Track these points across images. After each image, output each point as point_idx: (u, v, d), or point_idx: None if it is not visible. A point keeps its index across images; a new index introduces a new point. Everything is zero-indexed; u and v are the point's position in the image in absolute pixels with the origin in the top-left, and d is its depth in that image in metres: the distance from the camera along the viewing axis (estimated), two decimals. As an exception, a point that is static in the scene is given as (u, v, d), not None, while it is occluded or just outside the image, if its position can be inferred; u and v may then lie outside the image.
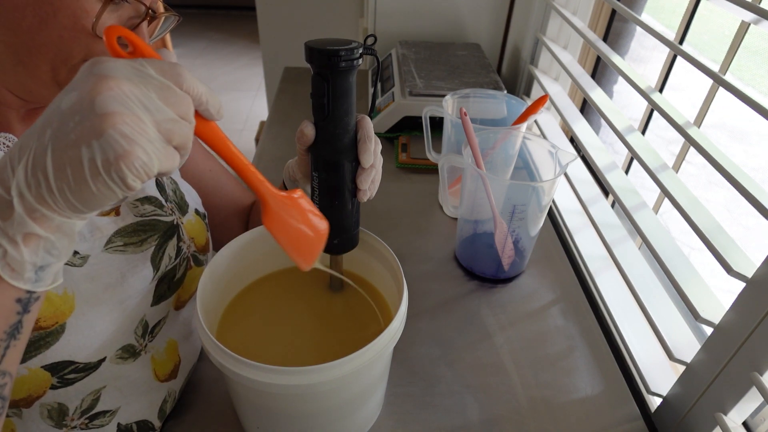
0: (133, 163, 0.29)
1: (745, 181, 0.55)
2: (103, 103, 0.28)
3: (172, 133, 0.31)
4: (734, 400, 0.51)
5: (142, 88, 0.30)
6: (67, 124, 0.29)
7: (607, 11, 1.09)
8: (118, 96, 0.29)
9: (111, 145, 0.28)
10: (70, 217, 0.31)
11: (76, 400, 0.46)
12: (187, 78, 0.32)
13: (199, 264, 0.57)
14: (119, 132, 0.28)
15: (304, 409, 0.47)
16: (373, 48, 0.48)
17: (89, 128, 0.28)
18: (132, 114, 0.29)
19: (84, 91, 0.29)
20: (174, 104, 0.31)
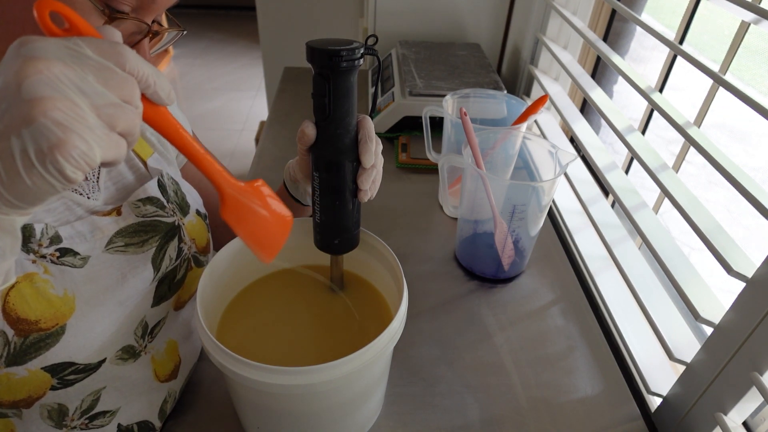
0: (70, 153, 0.26)
1: (745, 181, 0.55)
2: (32, 87, 0.25)
3: (115, 118, 0.28)
4: (734, 400, 0.51)
5: (77, 70, 0.27)
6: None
7: (607, 11, 1.09)
8: (49, 79, 0.26)
9: (43, 134, 0.25)
10: (8, 213, 0.28)
11: (76, 400, 0.46)
12: (130, 58, 0.29)
13: (199, 265, 0.57)
14: (51, 119, 0.25)
15: (304, 409, 0.47)
16: (374, 48, 0.48)
17: (18, 116, 0.25)
18: (66, 99, 0.26)
19: (9, 75, 0.26)
20: (115, 87, 0.28)
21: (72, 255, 0.44)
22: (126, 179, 0.53)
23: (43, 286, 0.41)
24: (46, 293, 0.41)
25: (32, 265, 0.42)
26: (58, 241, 0.44)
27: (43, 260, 0.42)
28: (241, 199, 0.40)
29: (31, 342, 0.41)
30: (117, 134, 0.29)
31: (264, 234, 0.43)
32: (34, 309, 0.41)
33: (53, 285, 0.42)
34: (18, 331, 0.40)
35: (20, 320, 0.40)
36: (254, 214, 0.41)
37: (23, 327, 0.41)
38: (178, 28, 0.48)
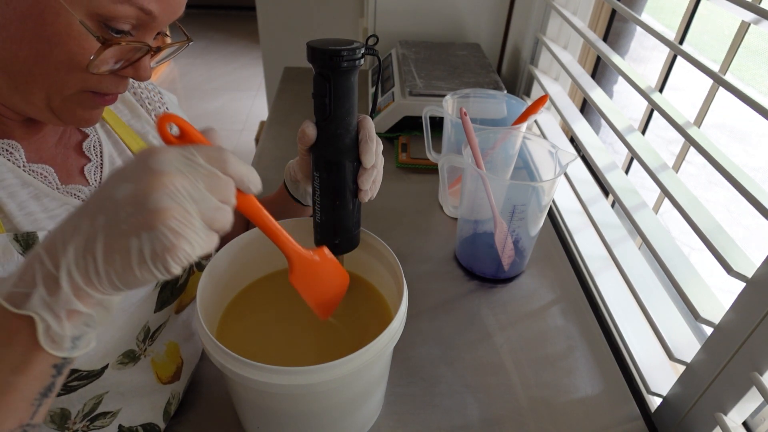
0: (178, 255, 0.30)
1: (745, 181, 0.55)
2: (157, 199, 0.30)
3: (215, 220, 0.32)
4: (734, 400, 0.51)
5: (192, 180, 0.31)
6: (119, 214, 0.30)
7: (607, 11, 1.09)
8: (171, 192, 0.30)
9: (159, 239, 0.30)
10: (111, 294, 0.32)
11: (78, 404, 0.46)
12: (231, 162, 0.34)
13: (201, 269, 0.57)
14: (168, 227, 0.30)
15: (304, 408, 0.47)
16: (374, 48, 0.48)
17: (141, 221, 0.30)
18: (181, 208, 0.30)
19: (139, 186, 0.30)
20: (218, 191, 0.33)
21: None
22: None
23: None
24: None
25: None
26: None
27: None
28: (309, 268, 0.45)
29: None
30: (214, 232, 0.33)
31: (325, 296, 0.48)
32: None
33: None
34: None
35: None
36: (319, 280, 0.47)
37: None
38: (183, 40, 0.47)
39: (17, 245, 0.41)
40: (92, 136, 0.52)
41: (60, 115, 0.43)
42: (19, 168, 0.44)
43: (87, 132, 0.52)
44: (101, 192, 0.32)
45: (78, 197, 0.48)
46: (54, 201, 0.46)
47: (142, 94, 0.59)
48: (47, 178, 0.46)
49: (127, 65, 0.42)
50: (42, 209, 0.44)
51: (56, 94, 0.41)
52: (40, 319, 0.30)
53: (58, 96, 0.41)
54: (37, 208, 0.44)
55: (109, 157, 0.52)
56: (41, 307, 0.30)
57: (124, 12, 0.38)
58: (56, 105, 0.42)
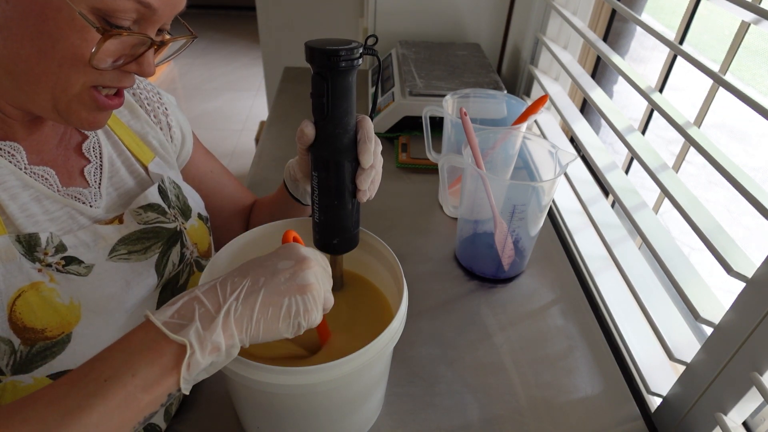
0: (311, 317, 0.40)
1: (745, 181, 0.55)
2: (309, 276, 0.41)
3: (327, 301, 0.42)
4: (734, 400, 0.51)
5: (322, 270, 0.43)
6: (278, 279, 0.40)
7: (607, 11, 1.09)
8: (316, 273, 0.42)
9: (306, 303, 0.40)
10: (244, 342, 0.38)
11: None
12: (329, 266, 0.45)
13: (201, 269, 0.57)
14: (312, 296, 0.40)
15: (305, 408, 0.47)
16: (374, 48, 0.48)
17: (296, 288, 0.40)
18: (320, 287, 0.41)
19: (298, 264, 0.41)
20: (328, 282, 0.44)
21: (77, 263, 0.44)
22: (127, 185, 0.53)
23: (49, 294, 0.42)
24: (53, 302, 0.41)
25: (38, 274, 0.42)
26: (63, 250, 0.44)
27: (49, 269, 0.42)
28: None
29: (38, 350, 0.41)
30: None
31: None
32: (40, 317, 0.41)
33: (59, 293, 0.42)
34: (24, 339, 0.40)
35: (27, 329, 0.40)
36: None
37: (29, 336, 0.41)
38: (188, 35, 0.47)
39: (19, 246, 0.41)
40: (92, 138, 0.52)
41: (65, 117, 0.43)
42: (20, 170, 0.44)
43: (87, 133, 0.52)
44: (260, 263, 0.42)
45: (78, 199, 0.48)
46: (55, 203, 0.46)
47: (141, 95, 0.59)
48: (48, 180, 0.46)
49: (130, 60, 0.42)
50: (43, 211, 0.44)
51: (62, 94, 0.40)
52: (190, 345, 0.35)
53: (63, 96, 0.41)
54: (38, 210, 0.44)
55: (108, 158, 0.52)
56: (195, 337, 0.35)
57: (123, 5, 0.38)
58: (62, 107, 0.41)
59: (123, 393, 0.33)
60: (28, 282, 0.41)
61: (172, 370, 0.35)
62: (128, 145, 0.54)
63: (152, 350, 0.35)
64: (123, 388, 0.33)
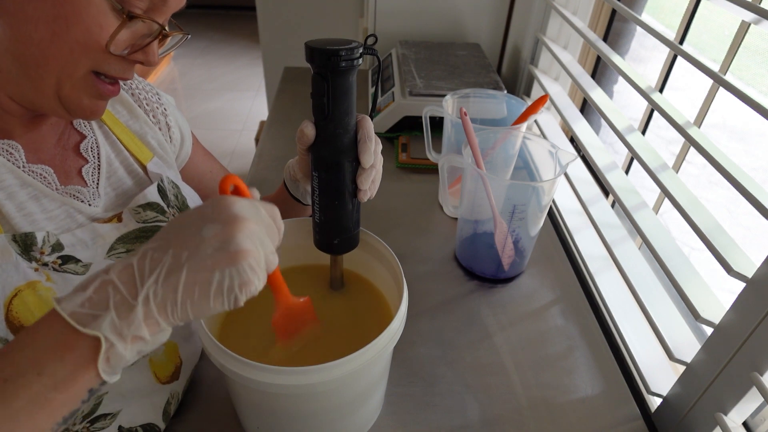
0: (250, 289, 0.34)
1: (745, 181, 0.55)
2: (241, 240, 0.33)
3: (271, 263, 0.36)
4: (734, 400, 0.51)
5: (261, 227, 0.36)
6: (205, 250, 0.33)
7: (607, 11, 1.09)
8: (250, 234, 0.34)
9: (240, 275, 0.33)
10: (174, 324, 0.34)
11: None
12: (278, 215, 0.39)
13: None
14: (249, 265, 0.33)
15: (304, 409, 0.47)
16: (374, 48, 0.48)
17: (226, 258, 0.33)
18: (257, 251, 0.34)
19: (226, 227, 0.34)
20: (273, 238, 0.37)
21: (74, 262, 0.44)
22: (125, 184, 0.53)
23: (45, 293, 0.41)
24: (49, 301, 0.41)
25: (35, 273, 0.42)
26: (60, 249, 0.44)
27: (45, 268, 0.42)
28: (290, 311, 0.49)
29: None
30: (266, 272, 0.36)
31: (290, 332, 0.51)
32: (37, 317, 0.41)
33: (56, 292, 0.42)
34: None
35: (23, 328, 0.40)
36: (293, 321, 0.50)
37: None
38: (181, 32, 0.48)
39: (15, 246, 0.41)
40: (90, 137, 0.52)
41: (67, 105, 0.43)
42: (18, 168, 0.44)
43: (84, 133, 0.52)
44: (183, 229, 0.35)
45: (77, 198, 0.48)
46: (53, 202, 0.46)
47: (140, 95, 0.58)
48: (46, 179, 0.46)
49: (137, 50, 0.43)
50: (41, 210, 0.44)
51: (67, 78, 0.41)
52: (105, 340, 0.31)
53: (68, 81, 0.41)
54: (36, 208, 0.44)
55: (106, 158, 0.52)
56: (110, 329, 0.31)
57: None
58: (65, 92, 0.42)
59: (28, 394, 0.30)
60: (25, 281, 0.41)
61: (87, 365, 0.31)
62: (127, 144, 0.54)
63: (61, 345, 0.31)
64: (28, 388, 0.30)
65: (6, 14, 0.37)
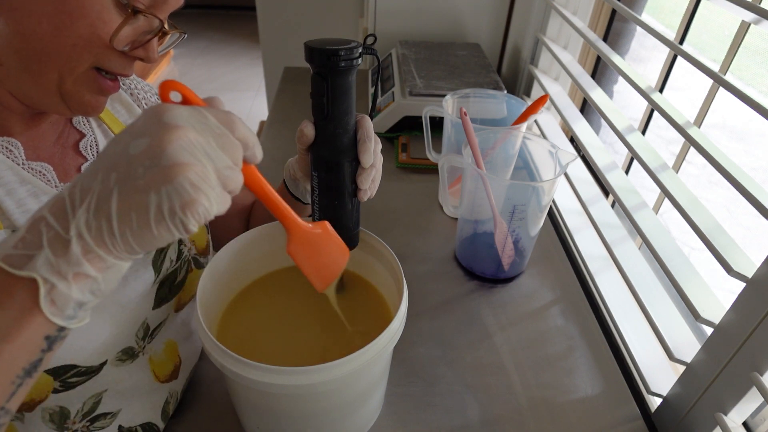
0: (197, 210, 0.30)
1: (745, 181, 0.55)
2: (174, 152, 0.29)
3: (229, 179, 0.32)
4: (734, 400, 0.51)
5: (205, 136, 0.31)
6: (135, 170, 0.29)
7: (607, 11, 1.09)
8: (187, 145, 0.30)
9: (179, 194, 0.29)
10: (123, 258, 0.31)
11: (77, 403, 0.46)
12: (239, 125, 0.33)
13: (199, 266, 0.57)
14: (188, 181, 0.29)
15: (304, 409, 0.47)
16: (374, 48, 0.48)
17: (160, 176, 0.29)
18: (199, 163, 0.30)
19: (155, 139, 0.29)
20: (229, 151, 0.32)
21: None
22: None
23: None
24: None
25: None
26: None
27: None
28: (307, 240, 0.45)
29: None
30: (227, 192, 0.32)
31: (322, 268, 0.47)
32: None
33: None
34: None
35: None
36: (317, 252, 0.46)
37: None
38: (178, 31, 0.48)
39: None
40: (89, 136, 0.52)
41: (68, 100, 0.43)
42: (18, 166, 0.44)
43: (84, 132, 0.52)
44: (111, 149, 0.31)
45: None
46: None
47: (139, 95, 0.59)
48: (46, 176, 0.46)
49: (137, 46, 0.43)
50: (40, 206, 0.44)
51: (68, 73, 0.41)
52: (43, 280, 0.29)
53: (70, 76, 0.41)
54: (35, 205, 0.44)
55: None
56: (46, 269, 0.29)
57: None
58: (67, 88, 0.42)
59: None
60: None
61: (32, 310, 0.29)
62: None
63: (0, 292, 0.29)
64: None
65: (9, 9, 0.38)
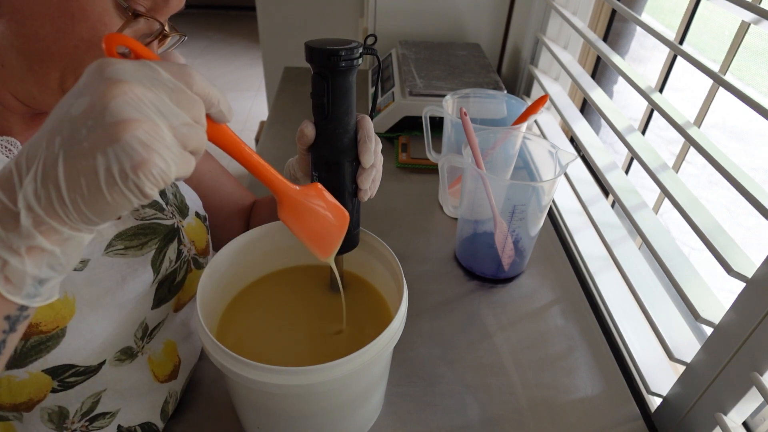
0: (151, 171, 0.27)
1: (745, 181, 0.55)
2: (118, 108, 0.27)
3: (188, 137, 0.30)
4: (734, 400, 0.51)
5: (156, 92, 0.28)
6: (79, 132, 0.27)
7: (607, 11, 1.09)
8: (133, 101, 0.27)
9: (128, 154, 0.27)
10: (80, 229, 0.29)
11: (76, 403, 0.46)
12: (197, 80, 0.31)
13: (199, 267, 0.57)
14: (137, 139, 0.27)
15: (304, 409, 0.47)
16: (374, 48, 0.48)
17: (104, 136, 0.27)
18: (148, 120, 0.27)
19: (96, 96, 0.27)
20: (187, 107, 0.30)
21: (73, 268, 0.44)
22: None
23: None
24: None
25: None
26: None
27: None
28: (300, 204, 0.42)
29: (32, 345, 0.41)
30: (188, 152, 0.30)
31: (319, 234, 0.45)
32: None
33: None
34: None
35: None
36: (310, 218, 0.44)
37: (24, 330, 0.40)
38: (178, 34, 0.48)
39: None
40: None
41: None
42: None
43: None
44: (55, 112, 0.29)
45: None
46: None
47: None
48: None
49: None
50: None
51: (71, 73, 0.41)
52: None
53: (72, 76, 0.41)
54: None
55: None
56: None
57: None
58: (68, 87, 0.42)
59: None
60: None
61: None
62: None
63: None
64: None
65: (12, 11, 0.38)
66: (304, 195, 0.43)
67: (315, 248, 0.46)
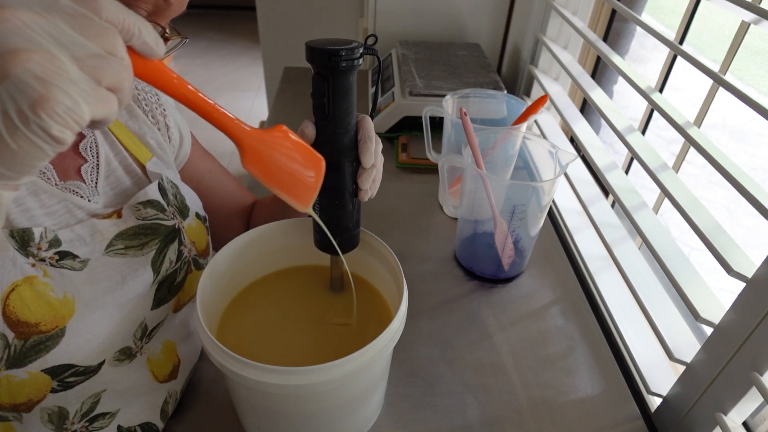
0: (55, 109, 0.23)
1: (745, 181, 0.55)
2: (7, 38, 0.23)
3: (100, 70, 0.25)
4: (734, 400, 0.51)
5: (49, 18, 0.24)
6: None
7: (607, 11, 1.09)
8: (19, 29, 0.23)
9: (21, 90, 0.23)
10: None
11: (76, 403, 0.46)
12: (106, 6, 0.26)
13: (199, 267, 0.57)
14: (30, 73, 0.23)
15: (304, 409, 0.47)
16: (374, 48, 0.48)
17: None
18: (41, 50, 0.23)
19: None
20: (95, 36, 0.25)
21: (71, 258, 0.44)
22: (124, 184, 0.52)
23: (42, 288, 0.41)
24: (46, 296, 0.41)
25: (32, 269, 0.42)
26: (57, 245, 0.44)
27: (42, 263, 0.42)
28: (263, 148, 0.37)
29: (32, 344, 0.41)
30: (105, 89, 0.26)
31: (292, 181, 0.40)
32: (34, 312, 0.41)
33: (53, 288, 0.42)
34: (18, 333, 0.40)
35: (20, 323, 0.40)
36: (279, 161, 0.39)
37: (23, 330, 0.41)
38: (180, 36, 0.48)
39: (13, 241, 0.41)
40: (89, 137, 0.52)
41: None
42: None
43: (84, 132, 0.52)
44: None
45: (76, 193, 0.48)
46: (52, 197, 0.46)
47: (139, 96, 0.59)
48: (46, 174, 0.46)
49: None
50: (39, 205, 0.44)
51: None
52: None
53: None
54: (34, 204, 0.44)
55: (105, 157, 0.52)
56: None
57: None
58: None
59: None
60: (22, 276, 0.41)
61: None
62: (126, 144, 0.54)
63: None
64: None
65: None
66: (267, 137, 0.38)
67: (290, 197, 0.41)
